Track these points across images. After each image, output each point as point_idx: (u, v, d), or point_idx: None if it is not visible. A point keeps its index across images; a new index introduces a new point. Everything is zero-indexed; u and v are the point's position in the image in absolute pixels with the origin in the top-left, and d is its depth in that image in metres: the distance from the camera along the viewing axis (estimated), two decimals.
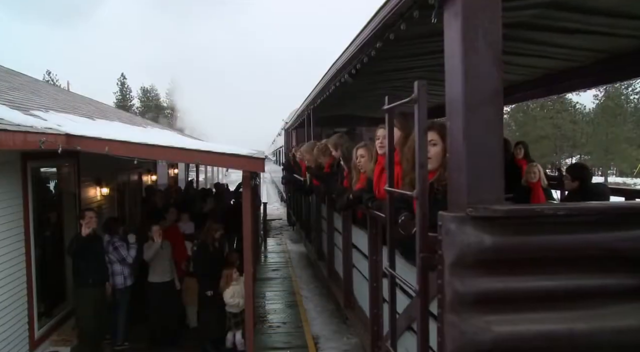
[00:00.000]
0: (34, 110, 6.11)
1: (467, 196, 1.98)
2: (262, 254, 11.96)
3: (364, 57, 4.09)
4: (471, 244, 1.94)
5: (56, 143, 4.93)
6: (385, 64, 5.00)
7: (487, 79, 1.98)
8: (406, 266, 3.05)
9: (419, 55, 4.77)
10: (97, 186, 7.96)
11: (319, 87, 6.93)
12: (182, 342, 6.53)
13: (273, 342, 6.58)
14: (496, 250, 1.95)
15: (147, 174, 12.23)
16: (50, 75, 68.41)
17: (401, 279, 2.46)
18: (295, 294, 8.65)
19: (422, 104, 2.12)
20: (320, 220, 7.52)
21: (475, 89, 1.98)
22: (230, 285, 6.13)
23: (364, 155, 4.40)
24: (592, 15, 3.41)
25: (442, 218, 2.01)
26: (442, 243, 2.00)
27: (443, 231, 2.00)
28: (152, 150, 5.39)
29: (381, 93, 7.33)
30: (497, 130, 2.02)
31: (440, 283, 2.02)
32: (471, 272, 1.95)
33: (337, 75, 5.37)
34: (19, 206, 5.50)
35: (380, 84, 6.78)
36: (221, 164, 6.81)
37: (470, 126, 1.98)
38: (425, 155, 2.15)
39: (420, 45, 4.21)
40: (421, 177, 2.14)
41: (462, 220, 1.95)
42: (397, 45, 3.76)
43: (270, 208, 18.23)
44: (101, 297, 6.02)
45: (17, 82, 9.55)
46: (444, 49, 2.15)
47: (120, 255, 6.27)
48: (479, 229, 1.93)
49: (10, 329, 5.20)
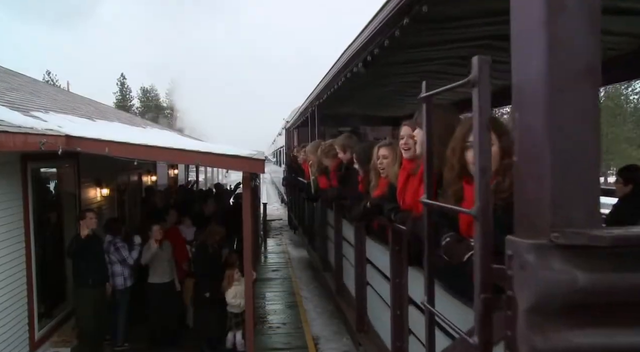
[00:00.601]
0: (34, 112, 6.12)
1: (550, 214, 1.42)
2: (262, 255, 11.97)
3: (383, 39, 3.53)
4: (559, 284, 1.40)
5: (56, 144, 4.94)
6: (399, 55, 4.39)
7: (581, 50, 1.43)
8: (445, 296, 2.50)
9: (438, 43, 4.13)
10: (97, 186, 7.97)
11: (326, 80, 6.34)
12: (182, 343, 6.53)
13: (273, 343, 6.59)
14: (595, 292, 1.40)
15: (147, 175, 12.24)
16: (50, 76, 68.45)
17: (445, 320, 1.90)
18: (295, 295, 8.66)
19: (484, 87, 1.59)
20: (326, 226, 6.94)
21: (564, 64, 1.42)
22: (232, 285, 6.14)
23: (387, 156, 3.70)
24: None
25: (514, 245, 1.48)
26: (513, 280, 1.48)
27: (516, 263, 1.47)
28: (151, 152, 5.40)
29: (390, 90, 7.03)
30: (593, 120, 1.46)
31: (510, 336, 1.47)
32: (558, 322, 1.41)
33: (348, 64, 4.82)
34: (19, 207, 5.50)
35: (392, 78, 6.07)
36: (221, 166, 6.83)
37: (556, 116, 1.43)
38: (488, 158, 1.64)
39: (443, 32, 3.69)
40: (483, 188, 1.60)
41: (544, 249, 1.42)
42: (417, 29, 3.32)
43: (270, 208, 18.23)
44: (101, 297, 6.03)
45: (16, 82, 9.56)
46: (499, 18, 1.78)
47: (122, 256, 6.28)
48: (570, 263, 1.41)
49: (11, 330, 5.20)
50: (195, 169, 18.40)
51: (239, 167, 5.27)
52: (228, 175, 35.95)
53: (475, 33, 3.85)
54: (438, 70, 5.36)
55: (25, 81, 10.84)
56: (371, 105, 9.25)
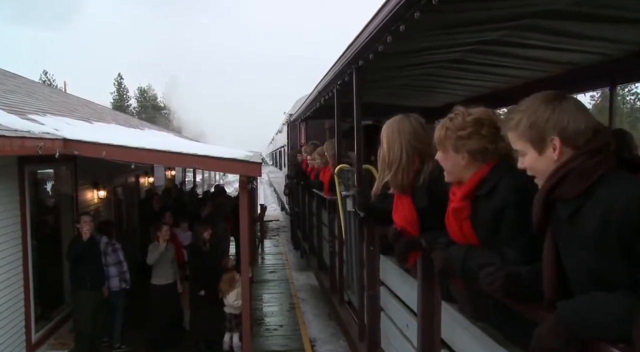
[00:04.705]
0: (31, 114, 6.12)
1: None
2: (259, 256, 11.98)
3: None
4: None
5: (54, 148, 4.95)
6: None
7: None
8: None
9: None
10: (94, 188, 7.97)
11: (372, 26, 3.33)
12: (180, 343, 6.55)
13: (270, 345, 6.60)
14: None
15: (144, 176, 12.24)
16: (47, 75, 68.29)
17: None
18: (292, 297, 8.68)
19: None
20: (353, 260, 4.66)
21: None
22: (234, 288, 6.15)
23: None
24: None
25: None
26: None
27: None
28: (149, 155, 5.42)
29: (420, 73, 5.53)
30: None
31: None
32: None
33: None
34: (16, 210, 5.50)
35: (425, 57, 4.59)
36: (218, 169, 6.85)
37: None
38: None
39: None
40: None
41: None
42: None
43: (268, 209, 18.21)
44: (98, 300, 6.02)
45: (12, 84, 9.55)
46: None
47: (118, 258, 6.30)
48: None
49: (7, 333, 5.20)
50: (192, 170, 18.41)
51: (235, 170, 5.30)
52: (226, 175, 35.96)
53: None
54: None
55: (21, 82, 10.83)
56: (391, 94, 7.28)
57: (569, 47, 4.14)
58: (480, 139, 2.01)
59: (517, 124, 1.58)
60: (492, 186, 1.95)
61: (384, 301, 3.73)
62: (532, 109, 1.56)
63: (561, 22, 3.42)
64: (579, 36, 3.77)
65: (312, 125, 10.16)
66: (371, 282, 3.95)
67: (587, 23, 3.41)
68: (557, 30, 3.61)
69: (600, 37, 3.83)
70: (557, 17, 3.32)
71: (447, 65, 5.05)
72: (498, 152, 2.01)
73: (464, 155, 2.04)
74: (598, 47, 4.17)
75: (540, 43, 4.02)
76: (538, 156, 1.55)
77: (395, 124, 2.86)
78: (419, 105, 7.83)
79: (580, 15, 3.25)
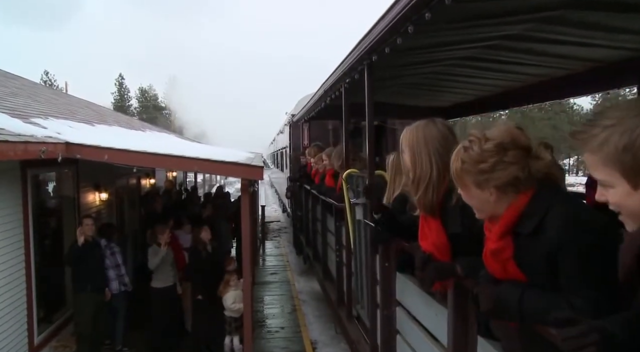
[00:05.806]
0: (34, 118, 6.14)
1: None
2: (260, 258, 12.00)
3: None
4: None
5: (56, 152, 4.97)
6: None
7: None
8: None
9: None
10: (96, 191, 7.99)
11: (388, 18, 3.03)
12: (182, 345, 6.57)
13: (271, 347, 6.63)
14: None
15: (145, 178, 12.26)
16: (48, 76, 68.39)
17: None
18: (293, 298, 8.70)
19: None
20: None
21: None
22: (228, 290, 6.17)
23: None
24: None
25: None
26: None
27: None
28: (151, 159, 5.45)
29: (427, 72, 5.27)
30: None
31: None
32: None
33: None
34: (19, 213, 5.52)
35: (438, 54, 4.30)
36: (219, 172, 6.88)
37: None
38: None
39: None
40: None
41: None
42: None
43: (268, 210, 18.25)
44: (100, 302, 6.05)
45: (14, 86, 9.58)
46: None
47: (117, 260, 6.34)
48: None
49: (10, 335, 5.22)
50: (194, 172, 18.45)
51: (237, 173, 5.33)
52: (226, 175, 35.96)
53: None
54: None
55: (23, 84, 10.86)
56: (401, 93, 6.84)
57: (595, 42, 3.78)
58: (506, 169, 1.62)
59: (602, 144, 1.09)
60: (536, 222, 1.57)
61: (400, 323, 3.30)
62: (627, 124, 1.06)
63: (592, 12, 3.13)
64: (609, 29, 3.41)
65: (315, 126, 9.87)
66: (386, 302, 3.52)
67: (621, 14, 3.13)
68: (586, 23, 3.28)
69: (632, 30, 3.48)
70: (589, 7, 3.08)
71: (459, 62, 4.68)
72: (533, 177, 1.62)
73: (491, 190, 1.65)
74: (627, 41, 3.80)
75: (565, 38, 3.71)
76: (632, 191, 1.08)
77: (420, 131, 2.39)
78: (426, 105, 7.42)
79: (616, 4, 2.97)
